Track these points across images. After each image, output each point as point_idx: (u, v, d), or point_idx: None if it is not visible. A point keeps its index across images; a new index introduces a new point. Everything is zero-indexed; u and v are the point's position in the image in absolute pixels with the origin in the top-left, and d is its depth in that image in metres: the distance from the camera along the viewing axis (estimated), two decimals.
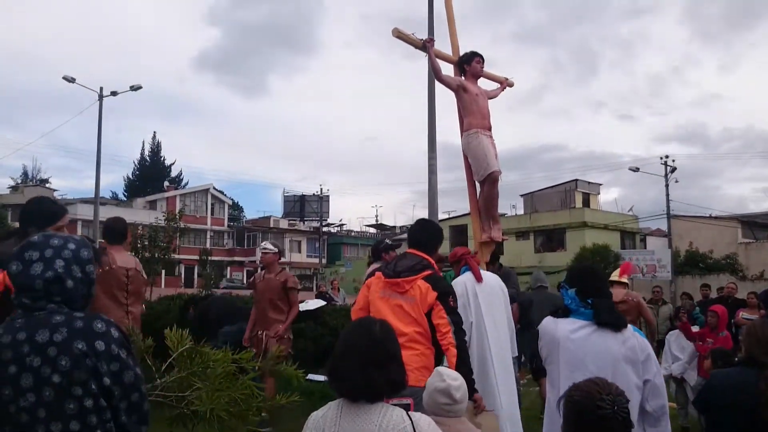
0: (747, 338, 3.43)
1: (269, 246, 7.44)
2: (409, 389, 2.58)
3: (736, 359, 6.37)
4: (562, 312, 3.38)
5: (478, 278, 4.96)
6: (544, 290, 8.30)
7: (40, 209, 3.26)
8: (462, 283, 4.97)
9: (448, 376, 2.87)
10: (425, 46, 6.37)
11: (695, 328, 8.32)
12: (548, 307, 3.94)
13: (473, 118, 6.19)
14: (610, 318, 3.27)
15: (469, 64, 6.35)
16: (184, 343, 2.84)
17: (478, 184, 6.29)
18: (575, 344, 3.24)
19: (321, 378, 7.15)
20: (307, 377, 4.77)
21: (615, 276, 7.51)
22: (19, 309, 2.00)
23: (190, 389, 2.77)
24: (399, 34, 6.23)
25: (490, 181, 6.14)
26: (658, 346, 9.83)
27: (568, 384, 3.19)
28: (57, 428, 1.90)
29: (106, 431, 1.96)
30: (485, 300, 4.89)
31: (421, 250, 4.15)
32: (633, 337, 3.27)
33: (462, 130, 6.29)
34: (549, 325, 3.39)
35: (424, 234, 4.32)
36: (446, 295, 3.91)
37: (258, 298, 7.24)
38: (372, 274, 4.99)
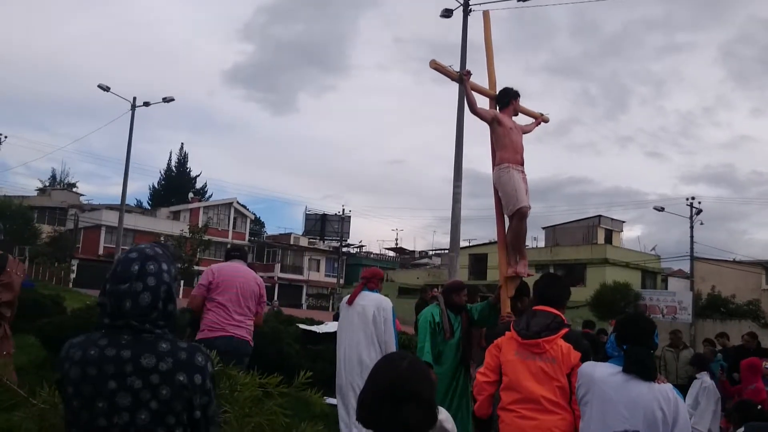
0: None
1: None
2: None
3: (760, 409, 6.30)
4: (602, 356, 3.42)
5: (350, 300, 6.26)
6: None
7: None
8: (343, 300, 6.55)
9: None
10: (462, 78, 6.38)
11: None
12: None
13: (506, 152, 6.16)
14: (636, 368, 3.28)
15: (508, 100, 6.33)
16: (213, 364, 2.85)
17: (507, 218, 6.28)
18: (610, 388, 3.30)
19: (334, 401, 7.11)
20: (326, 401, 4.79)
21: None
22: (125, 329, 2.00)
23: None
24: (436, 66, 6.24)
25: (519, 216, 6.11)
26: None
27: (600, 425, 3.24)
28: None
29: None
30: (346, 317, 6.21)
31: (553, 306, 3.94)
32: (670, 392, 3.26)
33: (494, 164, 6.27)
34: (588, 368, 3.48)
35: (555, 290, 4.14)
36: (587, 355, 3.76)
37: None
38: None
